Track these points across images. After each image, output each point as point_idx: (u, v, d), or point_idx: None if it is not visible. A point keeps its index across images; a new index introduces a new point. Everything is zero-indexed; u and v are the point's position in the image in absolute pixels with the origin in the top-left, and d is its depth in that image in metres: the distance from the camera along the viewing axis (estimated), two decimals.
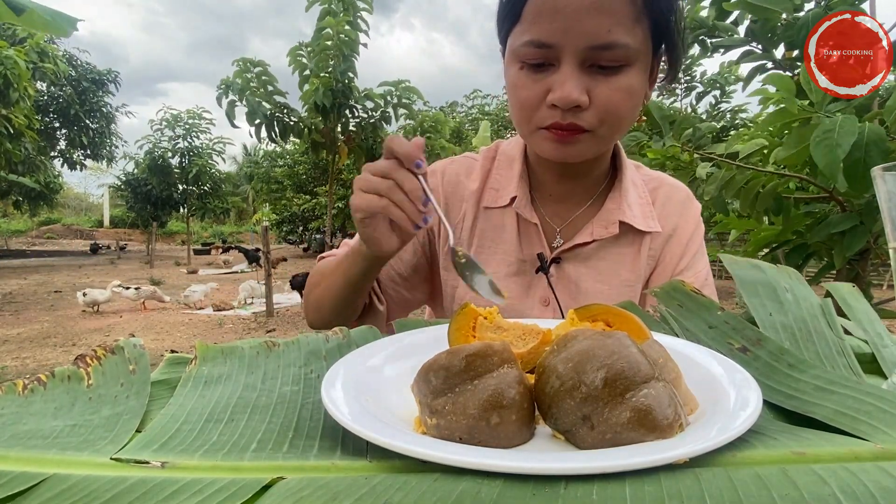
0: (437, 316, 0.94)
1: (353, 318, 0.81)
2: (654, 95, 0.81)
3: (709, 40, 1.77)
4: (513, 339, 0.46)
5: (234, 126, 6.48)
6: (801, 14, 1.51)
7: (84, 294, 6.81)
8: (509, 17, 0.68)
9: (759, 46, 1.65)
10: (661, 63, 0.71)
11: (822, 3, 1.46)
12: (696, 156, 1.82)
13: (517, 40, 0.66)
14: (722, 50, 1.77)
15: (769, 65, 1.66)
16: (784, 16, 1.51)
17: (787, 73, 1.63)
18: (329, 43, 6.09)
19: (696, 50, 1.89)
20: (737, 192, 1.59)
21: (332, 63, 6.24)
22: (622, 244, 0.79)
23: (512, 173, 0.81)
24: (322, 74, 6.27)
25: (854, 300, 0.59)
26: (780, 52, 1.63)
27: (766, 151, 1.61)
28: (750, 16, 1.61)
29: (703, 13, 1.78)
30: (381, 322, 0.85)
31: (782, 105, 1.31)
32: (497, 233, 0.82)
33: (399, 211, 0.58)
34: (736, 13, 1.69)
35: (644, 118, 1.98)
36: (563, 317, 0.74)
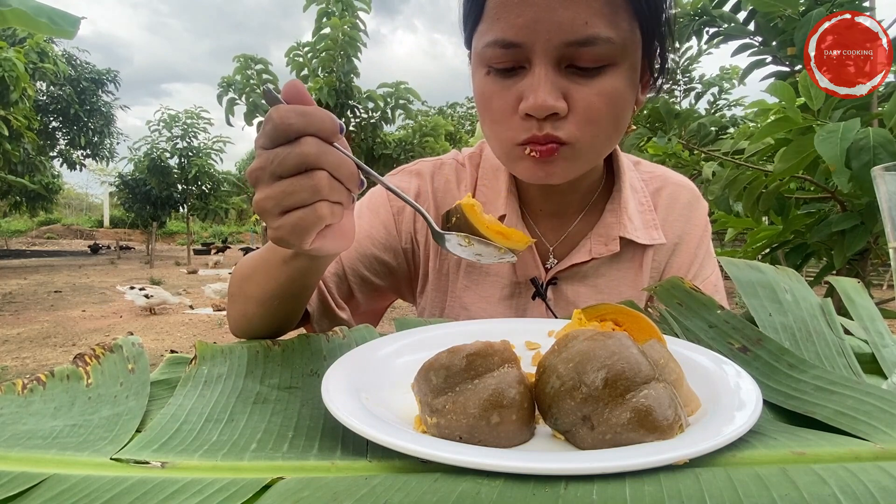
0: (424, 315, 0.91)
1: (290, 327, 0.65)
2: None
3: (707, 29, 1.76)
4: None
5: (229, 124, 6.51)
6: (804, 7, 1.50)
7: (148, 296, 5.67)
8: (472, 14, 0.59)
9: (759, 39, 1.65)
10: (655, 61, 0.63)
11: (828, 2, 1.46)
12: (700, 154, 1.81)
13: (481, 41, 0.58)
14: (721, 38, 1.76)
15: (768, 59, 1.66)
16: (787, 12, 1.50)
17: (787, 68, 1.62)
18: (331, 42, 6.10)
19: (694, 50, 1.89)
20: (739, 193, 1.58)
21: (336, 62, 6.25)
22: (623, 259, 0.73)
23: (499, 186, 0.73)
24: (324, 74, 6.29)
25: (857, 295, 0.59)
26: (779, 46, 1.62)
27: (770, 151, 1.61)
28: (750, 6, 1.60)
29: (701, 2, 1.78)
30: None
31: (782, 115, 1.31)
32: None
33: (338, 209, 0.43)
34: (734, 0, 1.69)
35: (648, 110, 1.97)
36: None
